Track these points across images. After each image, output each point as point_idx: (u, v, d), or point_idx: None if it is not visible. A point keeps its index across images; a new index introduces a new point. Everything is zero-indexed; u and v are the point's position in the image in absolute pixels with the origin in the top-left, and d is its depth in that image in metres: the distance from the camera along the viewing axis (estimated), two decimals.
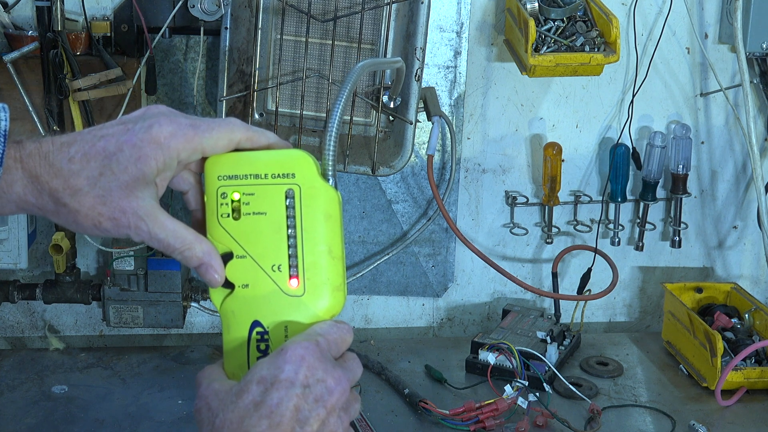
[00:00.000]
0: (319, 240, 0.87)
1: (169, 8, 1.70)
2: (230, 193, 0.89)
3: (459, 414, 1.60)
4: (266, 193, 0.88)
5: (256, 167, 0.88)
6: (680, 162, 1.95)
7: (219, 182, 0.89)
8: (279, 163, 0.88)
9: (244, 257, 0.88)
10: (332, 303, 0.89)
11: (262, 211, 0.88)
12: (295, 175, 0.88)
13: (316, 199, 0.88)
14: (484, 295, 2.03)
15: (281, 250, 0.87)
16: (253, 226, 0.88)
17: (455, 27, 1.83)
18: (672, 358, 1.88)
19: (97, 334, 1.94)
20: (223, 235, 0.88)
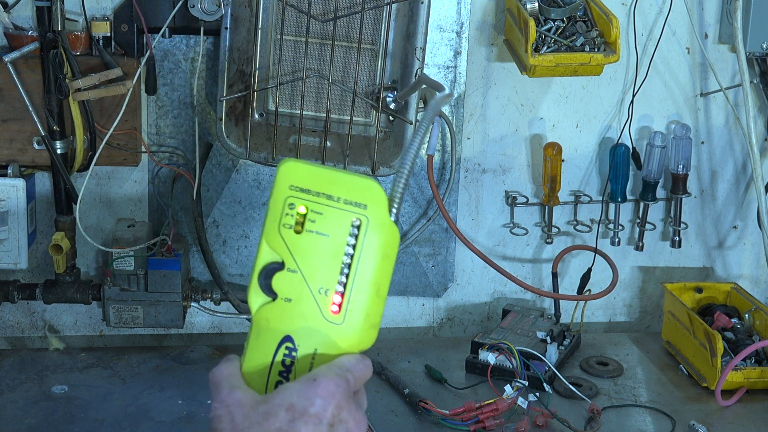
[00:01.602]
0: (371, 277, 0.87)
1: (169, 8, 1.70)
2: (298, 206, 0.87)
3: (459, 414, 1.60)
4: (334, 216, 0.87)
5: (330, 188, 0.87)
6: (680, 162, 1.95)
7: (290, 192, 0.87)
8: (354, 190, 0.87)
9: (295, 272, 0.87)
10: (365, 339, 0.88)
11: (326, 233, 0.87)
12: (367, 207, 0.86)
13: (380, 236, 0.87)
14: (484, 295, 2.03)
15: (333, 275, 0.87)
16: (313, 244, 0.87)
17: (455, 27, 1.83)
18: (672, 358, 1.88)
19: (97, 334, 1.94)
20: (279, 244, 0.87)
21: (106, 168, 1.83)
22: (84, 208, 1.83)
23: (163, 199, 1.84)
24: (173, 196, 1.84)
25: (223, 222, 1.88)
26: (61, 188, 1.75)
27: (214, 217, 1.87)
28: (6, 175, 1.72)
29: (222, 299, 1.86)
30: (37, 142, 1.71)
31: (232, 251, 1.89)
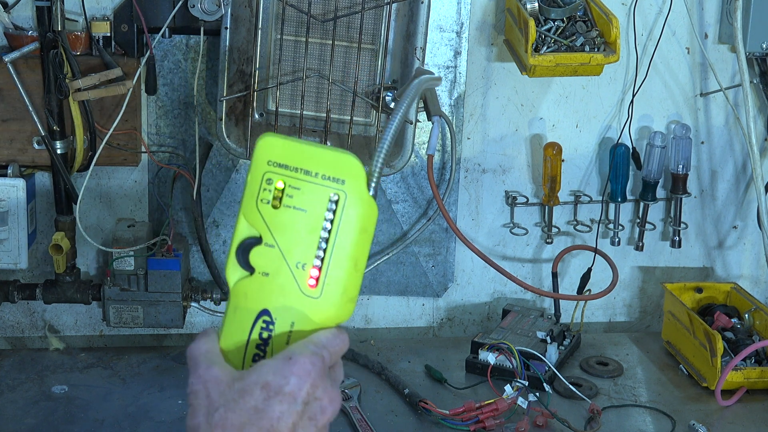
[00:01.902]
0: (349, 251, 0.87)
1: (169, 8, 1.70)
2: (275, 181, 0.87)
3: (459, 414, 1.60)
4: (312, 191, 0.87)
5: (308, 163, 0.87)
6: (680, 162, 1.95)
7: (268, 167, 0.87)
8: (332, 165, 0.87)
9: (273, 247, 0.87)
10: (342, 312, 0.88)
11: (303, 208, 0.87)
12: (345, 182, 0.87)
13: (358, 210, 0.87)
14: (484, 295, 2.03)
15: (310, 250, 0.87)
16: (290, 219, 0.87)
17: (455, 27, 1.83)
18: (672, 358, 1.88)
19: (97, 334, 1.94)
20: (257, 219, 0.88)
21: (106, 168, 1.83)
22: (84, 208, 1.83)
23: (163, 199, 1.84)
24: (173, 196, 1.84)
25: (223, 222, 1.88)
26: (61, 188, 1.75)
27: (214, 217, 1.87)
28: (6, 175, 1.72)
29: (222, 299, 1.86)
30: (37, 142, 1.71)
31: None
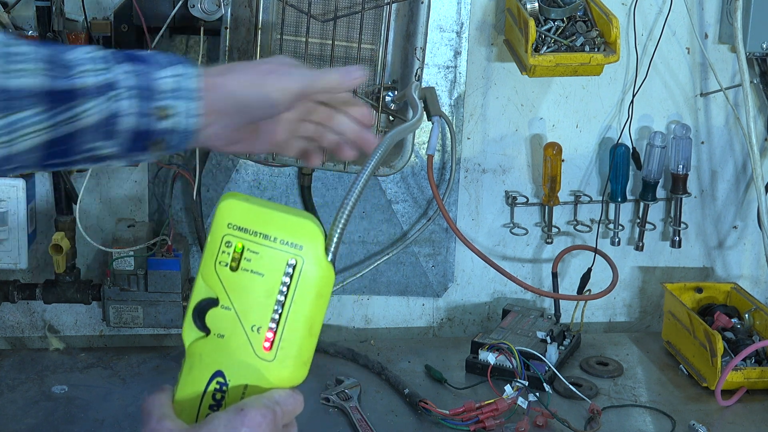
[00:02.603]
0: (304, 316, 0.88)
1: (169, 8, 1.70)
2: (234, 244, 0.88)
3: (459, 414, 1.60)
4: (270, 256, 0.87)
5: (267, 228, 0.88)
6: (680, 162, 1.95)
7: (228, 230, 0.88)
8: (291, 230, 0.88)
9: (229, 309, 0.88)
10: (296, 375, 0.89)
11: (261, 272, 0.87)
12: (303, 248, 0.87)
13: (315, 277, 0.87)
14: (484, 295, 2.03)
15: (266, 313, 0.87)
16: (247, 282, 0.88)
17: (455, 27, 1.83)
18: (672, 358, 1.88)
19: (97, 334, 1.94)
20: (215, 281, 0.88)
21: (106, 168, 1.83)
22: (84, 208, 1.83)
23: (163, 199, 1.84)
24: (173, 196, 1.84)
25: None
26: (61, 188, 1.75)
27: None
28: (6, 175, 1.72)
29: None
30: None
31: None
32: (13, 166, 1.00)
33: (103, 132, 1.00)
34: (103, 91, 0.98)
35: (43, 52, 0.98)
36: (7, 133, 0.96)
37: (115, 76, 0.99)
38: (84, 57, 0.99)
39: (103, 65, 0.99)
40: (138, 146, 1.02)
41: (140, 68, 1.01)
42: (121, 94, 0.99)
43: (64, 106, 0.97)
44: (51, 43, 1.01)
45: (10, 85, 0.95)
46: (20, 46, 0.97)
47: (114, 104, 0.99)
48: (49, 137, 0.98)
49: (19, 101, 0.95)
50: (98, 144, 1.01)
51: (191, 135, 1.02)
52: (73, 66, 0.98)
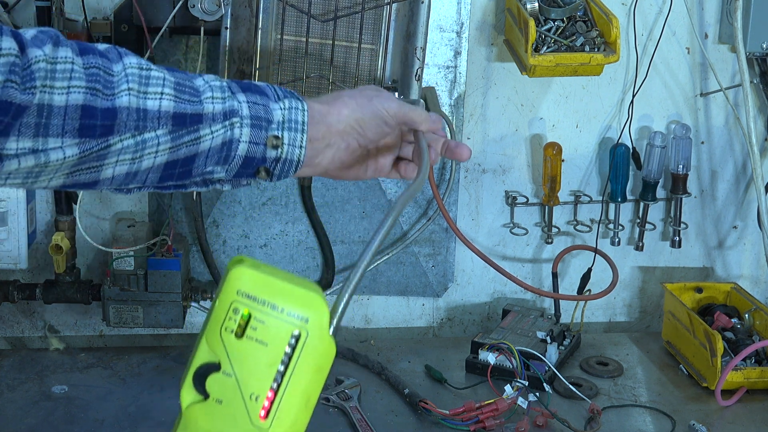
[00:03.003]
0: (302, 388, 0.89)
1: (169, 8, 1.70)
2: (242, 311, 0.89)
3: (459, 414, 1.60)
4: (276, 326, 0.88)
5: (276, 298, 0.88)
6: (680, 162, 1.95)
7: (236, 297, 0.89)
8: (298, 302, 0.89)
9: (230, 376, 0.88)
10: None
11: (265, 341, 0.88)
12: (308, 321, 0.88)
13: (317, 350, 0.89)
14: (484, 295, 2.03)
15: (265, 383, 0.88)
16: (251, 351, 0.88)
17: (455, 27, 1.83)
18: (672, 358, 1.88)
19: (97, 334, 1.94)
20: (219, 347, 0.89)
21: None
22: (84, 208, 1.83)
23: (163, 199, 1.84)
24: (173, 196, 1.84)
25: (223, 222, 1.88)
26: None
27: (214, 217, 1.87)
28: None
29: None
30: None
31: (232, 251, 1.90)
32: (134, 184, 1.08)
33: (218, 157, 1.08)
34: (225, 118, 1.07)
35: (172, 77, 1.06)
36: (137, 151, 1.04)
37: (234, 105, 1.08)
38: (208, 85, 1.08)
39: (225, 94, 1.08)
40: (245, 172, 1.11)
41: (256, 99, 1.10)
42: (239, 122, 1.08)
43: (190, 129, 1.06)
44: (174, 69, 1.09)
45: (147, 106, 1.03)
46: (153, 71, 1.05)
47: (231, 131, 1.08)
48: (170, 158, 1.06)
49: (152, 122, 1.03)
50: (212, 168, 1.10)
51: (295, 165, 1.11)
52: (201, 92, 1.07)
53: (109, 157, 1.03)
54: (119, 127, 1.02)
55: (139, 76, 1.04)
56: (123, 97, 1.03)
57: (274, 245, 1.91)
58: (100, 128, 1.01)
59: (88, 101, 1.00)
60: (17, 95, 0.95)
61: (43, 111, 0.98)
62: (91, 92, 1.01)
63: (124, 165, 1.05)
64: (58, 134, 0.99)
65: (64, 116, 0.99)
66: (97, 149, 1.02)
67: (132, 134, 1.03)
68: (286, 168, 1.12)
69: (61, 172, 1.02)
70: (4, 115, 0.95)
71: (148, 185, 1.10)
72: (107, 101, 1.02)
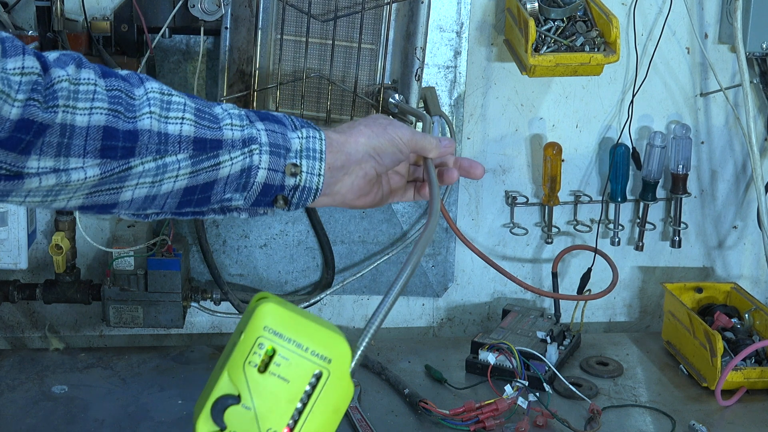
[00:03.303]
0: (318, 426, 0.90)
1: (169, 8, 1.70)
2: (267, 347, 0.90)
3: (459, 414, 1.60)
4: (299, 365, 0.89)
5: (302, 337, 0.90)
6: (680, 162, 1.95)
7: (263, 332, 0.90)
8: (324, 343, 0.90)
9: (249, 409, 0.89)
10: None
11: (287, 378, 0.89)
12: (331, 362, 0.89)
13: (336, 391, 0.90)
14: (484, 295, 2.03)
15: (283, 419, 0.89)
16: (273, 387, 0.89)
17: (455, 27, 1.83)
18: (672, 358, 1.88)
19: (97, 334, 1.94)
20: (241, 379, 0.89)
21: None
22: None
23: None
24: None
25: (223, 222, 1.88)
26: None
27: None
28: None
29: (222, 299, 1.86)
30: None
31: (232, 251, 1.90)
32: (153, 209, 1.09)
33: (237, 184, 1.09)
34: (244, 145, 1.08)
35: (192, 103, 1.07)
36: (157, 175, 1.05)
37: (253, 132, 1.09)
38: (227, 112, 1.09)
39: (244, 122, 1.09)
40: (263, 201, 1.12)
41: (274, 127, 1.11)
42: (258, 149, 1.09)
43: (209, 155, 1.07)
44: (194, 96, 1.11)
45: (168, 130, 1.04)
46: (174, 96, 1.06)
47: (251, 158, 1.09)
48: (190, 183, 1.07)
49: (173, 145, 1.04)
50: (230, 195, 1.11)
51: (313, 193, 1.13)
52: (220, 119, 1.08)
53: (129, 179, 1.04)
54: (140, 149, 1.03)
55: (160, 100, 1.05)
56: (144, 120, 1.03)
57: (274, 245, 1.91)
58: (122, 150, 1.02)
59: (110, 122, 1.01)
60: (39, 113, 0.96)
61: (66, 131, 0.99)
62: (113, 114, 1.02)
63: (144, 188, 1.05)
64: (80, 154, 1.00)
65: (86, 137, 1.00)
66: (118, 170, 1.03)
67: (153, 157, 1.04)
68: (304, 196, 1.13)
69: (81, 192, 1.03)
70: (26, 134, 0.96)
71: (166, 211, 1.11)
72: (129, 123, 1.02)
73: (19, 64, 0.94)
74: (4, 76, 0.93)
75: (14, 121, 0.94)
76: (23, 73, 0.94)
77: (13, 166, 0.97)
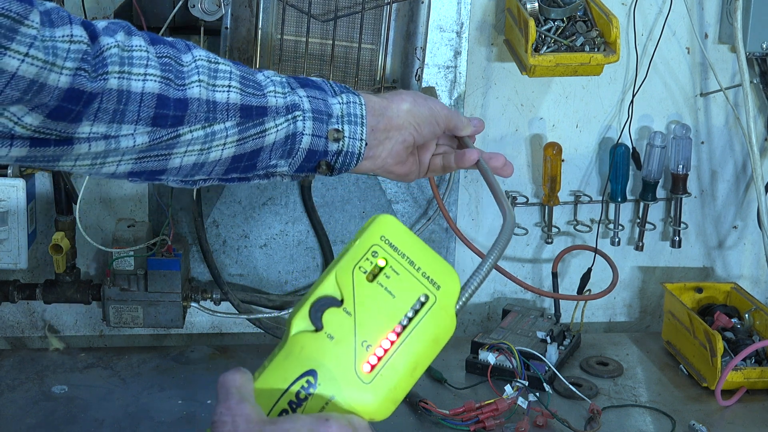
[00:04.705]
0: (415, 354, 0.87)
1: (169, 8, 1.70)
2: (380, 256, 0.88)
3: (459, 414, 1.60)
4: (408, 282, 0.87)
5: (416, 256, 0.88)
6: (680, 162, 1.95)
7: (380, 241, 0.88)
8: (436, 268, 0.89)
9: (350, 315, 0.86)
10: (381, 409, 0.87)
11: (393, 293, 0.87)
12: (440, 288, 0.88)
13: (439, 319, 0.87)
14: (484, 295, 2.03)
15: (381, 334, 0.86)
16: (377, 297, 0.87)
17: (455, 27, 1.83)
18: (672, 358, 1.88)
19: (97, 334, 1.94)
20: (348, 283, 0.87)
21: None
22: (84, 208, 1.83)
23: (163, 199, 1.84)
24: (173, 196, 1.84)
25: (223, 222, 1.88)
26: (61, 188, 1.75)
27: (214, 217, 1.87)
28: (6, 175, 1.72)
29: (222, 299, 1.86)
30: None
31: (232, 251, 1.90)
32: (200, 176, 1.10)
33: (282, 150, 1.11)
34: (287, 112, 1.09)
35: (237, 71, 1.08)
36: (205, 143, 1.06)
37: (296, 99, 1.10)
38: (269, 80, 1.10)
39: (286, 89, 1.10)
40: (307, 166, 1.13)
41: (315, 94, 1.12)
42: (301, 115, 1.10)
43: (256, 122, 1.08)
44: (238, 62, 1.12)
45: (216, 98, 1.05)
46: (221, 64, 1.07)
47: (295, 124, 1.10)
48: (237, 151, 1.08)
49: (221, 113, 1.05)
50: (276, 162, 1.12)
51: (356, 157, 1.14)
52: (264, 87, 1.09)
53: (178, 146, 1.05)
54: (189, 118, 1.04)
55: (208, 68, 1.06)
56: (194, 88, 1.04)
57: (274, 245, 1.91)
58: (172, 119, 1.03)
59: (162, 90, 1.02)
60: (87, 84, 0.96)
61: (122, 97, 0.99)
62: (165, 81, 1.02)
63: (192, 155, 1.06)
64: (133, 121, 1.01)
65: (140, 103, 1.01)
66: (167, 138, 1.04)
67: (202, 125, 1.05)
68: (347, 161, 1.14)
69: (130, 157, 1.04)
70: (76, 104, 0.96)
71: (213, 177, 1.12)
72: (179, 91, 1.03)
73: (68, 32, 0.94)
74: (51, 44, 0.92)
75: (63, 90, 0.94)
76: (72, 41, 0.94)
77: (63, 133, 0.97)
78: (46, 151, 0.99)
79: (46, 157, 1.00)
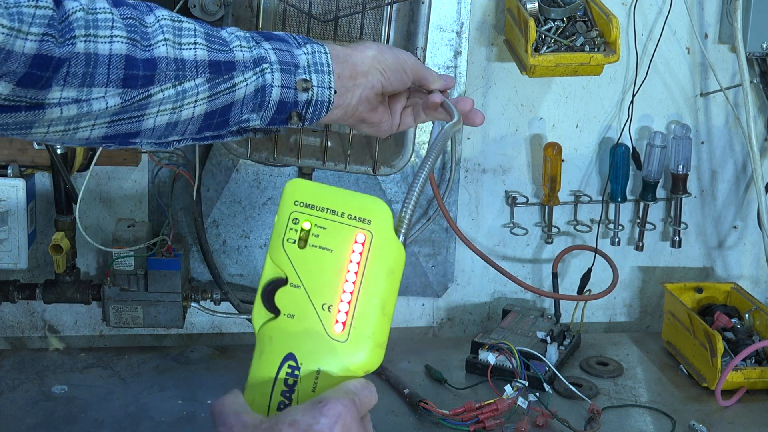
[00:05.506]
0: (376, 293, 0.86)
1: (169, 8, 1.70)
2: (302, 221, 0.87)
3: (459, 414, 1.60)
4: (338, 230, 0.86)
5: (334, 203, 0.87)
6: (680, 162, 1.95)
7: (294, 207, 0.88)
8: (358, 206, 0.87)
9: (298, 287, 0.86)
10: (370, 359, 0.86)
11: (329, 248, 0.86)
12: (371, 222, 0.86)
13: (385, 251, 0.86)
14: (484, 295, 2.03)
15: (336, 291, 0.85)
16: (316, 259, 0.86)
17: (455, 27, 1.83)
18: (672, 358, 1.88)
19: (97, 334, 1.94)
20: (283, 259, 0.87)
21: (106, 168, 1.83)
22: (84, 208, 1.83)
23: (163, 199, 1.84)
24: (173, 196, 1.84)
25: (223, 222, 1.88)
26: (61, 188, 1.75)
27: (214, 217, 1.87)
28: (6, 175, 1.72)
29: (222, 299, 1.86)
30: (37, 142, 1.71)
31: (232, 251, 1.90)
32: (174, 136, 1.10)
33: (253, 104, 1.11)
34: (255, 65, 1.10)
35: (201, 28, 1.08)
36: (177, 101, 1.06)
37: (262, 52, 1.11)
38: (234, 35, 1.11)
39: (251, 43, 1.11)
40: (278, 119, 1.14)
41: (280, 46, 1.13)
42: (269, 67, 1.11)
43: (225, 77, 1.08)
44: (200, 20, 1.13)
45: (184, 56, 1.06)
46: (184, 23, 1.08)
47: (263, 77, 1.11)
48: (209, 108, 1.09)
49: (190, 71, 1.06)
50: (247, 116, 1.13)
51: (326, 106, 1.15)
52: (229, 42, 1.10)
53: (150, 107, 1.05)
54: (159, 77, 1.04)
55: (172, 27, 1.06)
56: (161, 48, 1.04)
57: None
58: (142, 78, 1.03)
59: (130, 51, 1.02)
60: (55, 49, 0.96)
61: (90, 60, 0.99)
62: (131, 42, 1.02)
63: (165, 115, 1.07)
64: (103, 84, 1.01)
65: (109, 65, 1.01)
66: (138, 99, 1.04)
67: (172, 84, 1.05)
68: (318, 110, 1.15)
69: (103, 120, 1.04)
70: (44, 70, 0.96)
71: (186, 137, 1.12)
72: (146, 52, 1.03)
73: None
74: (16, 10, 0.92)
75: (30, 56, 0.94)
76: (37, 6, 0.94)
77: (34, 99, 0.97)
78: (17, 116, 0.98)
79: (18, 124, 0.99)
